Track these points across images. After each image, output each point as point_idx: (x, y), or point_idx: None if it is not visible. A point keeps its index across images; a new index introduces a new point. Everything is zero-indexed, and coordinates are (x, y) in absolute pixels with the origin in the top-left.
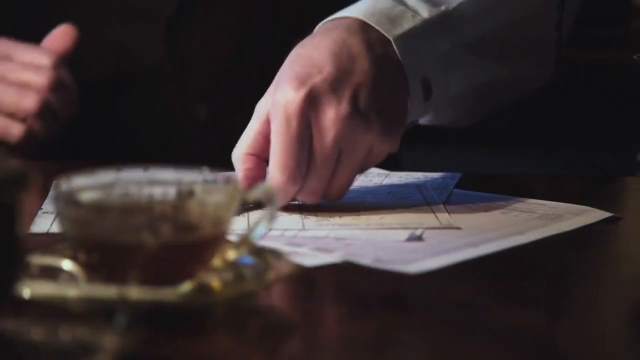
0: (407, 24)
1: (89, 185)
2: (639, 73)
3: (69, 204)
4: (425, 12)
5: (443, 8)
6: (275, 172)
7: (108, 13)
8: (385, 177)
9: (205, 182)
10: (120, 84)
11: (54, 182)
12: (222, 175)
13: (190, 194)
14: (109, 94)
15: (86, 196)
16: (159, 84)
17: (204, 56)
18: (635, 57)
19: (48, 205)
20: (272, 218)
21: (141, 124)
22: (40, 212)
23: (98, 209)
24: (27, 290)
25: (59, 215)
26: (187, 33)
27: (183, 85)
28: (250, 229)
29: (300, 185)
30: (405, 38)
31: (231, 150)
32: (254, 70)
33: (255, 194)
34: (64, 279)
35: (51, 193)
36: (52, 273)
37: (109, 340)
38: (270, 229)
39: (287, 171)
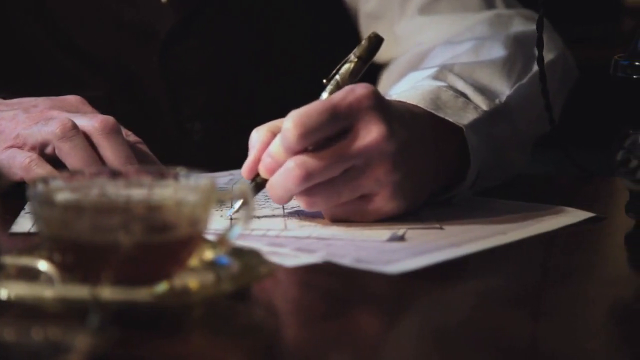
0: (471, 115)
1: (65, 185)
2: (619, 73)
3: (44, 204)
4: (484, 105)
5: (497, 101)
6: (290, 121)
7: (102, 30)
8: None
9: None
10: (115, 101)
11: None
12: (199, 175)
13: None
14: (103, 111)
15: (61, 196)
16: (154, 102)
17: (198, 75)
18: (616, 57)
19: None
20: (248, 218)
21: None
22: (22, 213)
23: (73, 209)
24: (3, 291)
25: (35, 215)
26: (182, 52)
27: (177, 103)
28: (227, 229)
29: (298, 151)
30: (473, 127)
31: (226, 169)
32: (248, 89)
33: (232, 193)
34: (41, 280)
35: (27, 192)
36: (29, 274)
37: (81, 341)
38: (247, 229)
39: (303, 128)
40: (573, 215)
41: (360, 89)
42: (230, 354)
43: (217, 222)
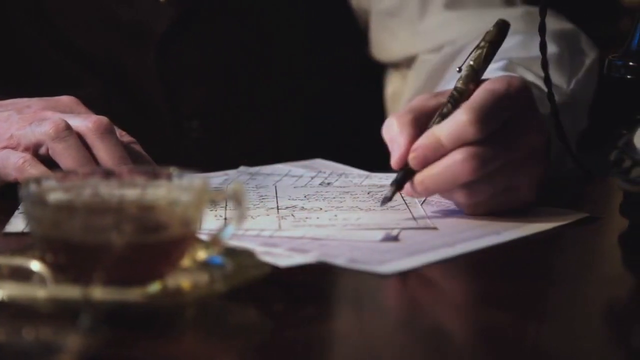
0: (545, 108)
1: (57, 185)
2: (613, 73)
3: (36, 204)
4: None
5: (564, 95)
6: (467, 114)
7: (100, 29)
8: (366, 177)
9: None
10: (111, 100)
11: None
12: (192, 175)
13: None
14: (100, 110)
15: (54, 196)
16: (151, 100)
17: (196, 74)
18: (610, 56)
19: None
20: (241, 218)
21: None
22: (16, 213)
23: (65, 209)
24: None
25: (27, 215)
26: (179, 51)
27: (175, 102)
28: (221, 229)
29: (476, 139)
30: (547, 120)
31: (224, 167)
32: (245, 88)
33: (225, 193)
34: (33, 280)
35: (20, 193)
36: (21, 274)
37: (73, 341)
38: (240, 229)
39: (482, 119)
40: (568, 216)
41: (516, 81)
42: (223, 354)
43: (210, 222)
